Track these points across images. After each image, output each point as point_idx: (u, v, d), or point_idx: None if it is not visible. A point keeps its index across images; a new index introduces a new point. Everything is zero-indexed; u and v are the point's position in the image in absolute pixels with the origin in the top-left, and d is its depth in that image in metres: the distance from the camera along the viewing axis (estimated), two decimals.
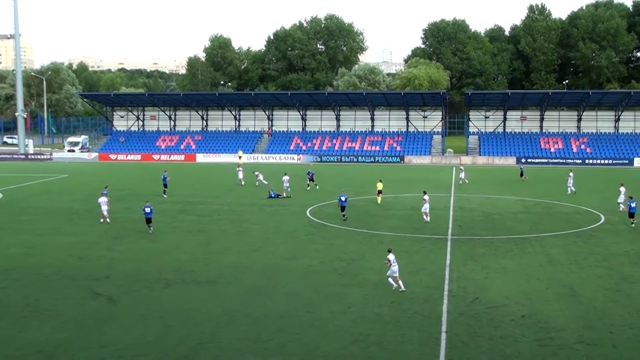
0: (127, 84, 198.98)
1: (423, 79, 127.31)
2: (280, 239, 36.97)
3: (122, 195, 54.67)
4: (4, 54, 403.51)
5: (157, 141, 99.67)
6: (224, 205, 49.31)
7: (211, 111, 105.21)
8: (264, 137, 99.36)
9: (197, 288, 27.14)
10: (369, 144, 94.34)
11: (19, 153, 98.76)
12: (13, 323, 22.89)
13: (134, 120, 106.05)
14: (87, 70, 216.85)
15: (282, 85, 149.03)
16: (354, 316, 23.42)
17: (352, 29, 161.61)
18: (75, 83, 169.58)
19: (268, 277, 28.77)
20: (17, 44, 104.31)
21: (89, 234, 38.65)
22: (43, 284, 27.81)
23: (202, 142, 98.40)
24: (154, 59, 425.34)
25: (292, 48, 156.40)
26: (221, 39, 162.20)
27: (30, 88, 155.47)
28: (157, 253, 33.55)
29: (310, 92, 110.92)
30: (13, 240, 37.01)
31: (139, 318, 23.40)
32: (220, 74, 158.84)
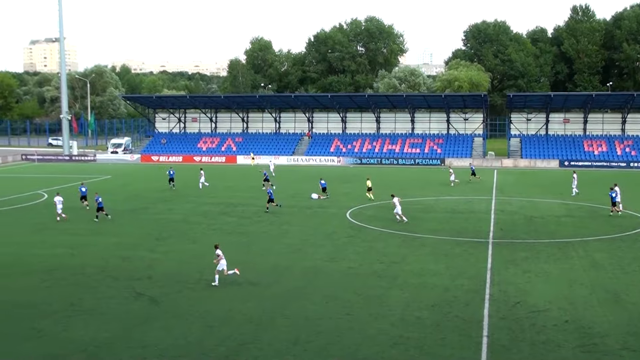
0: (169, 86, 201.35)
1: (464, 81, 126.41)
2: (320, 241, 36.99)
3: (165, 196, 55.23)
4: (49, 57, 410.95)
5: (198, 143, 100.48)
6: (264, 207, 49.44)
7: (251, 113, 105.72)
8: (304, 139, 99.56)
9: (238, 289, 27.29)
10: (409, 147, 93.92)
11: (64, 154, 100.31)
12: (57, 322, 23.27)
13: (176, 122, 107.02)
14: (129, 73, 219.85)
15: (322, 88, 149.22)
16: (394, 319, 23.32)
17: (392, 31, 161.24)
18: (119, 85, 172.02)
19: (308, 279, 28.80)
20: (61, 47, 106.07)
21: (131, 235, 39.14)
22: (86, 284, 28.23)
23: (243, 144, 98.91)
24: (195, 62, 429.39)
25: (332, 50, 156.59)
26: (262, 42, 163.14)
27: (75, 90, 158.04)
28: (198, 254, 33.81)
29: (350, 95, 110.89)
30: (57, 241, 37.64)
31: (180, 318, 23.61)
32: (261, 76, 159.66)
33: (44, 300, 25.82)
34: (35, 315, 23.97)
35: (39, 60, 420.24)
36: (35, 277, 29.33)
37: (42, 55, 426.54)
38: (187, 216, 45.58)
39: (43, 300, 25.83)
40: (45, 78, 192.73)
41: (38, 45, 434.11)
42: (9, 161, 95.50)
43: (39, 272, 30.26)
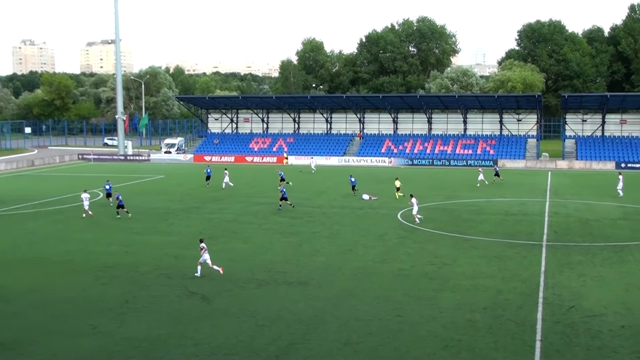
0: (222, 87, 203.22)
1: (517, 82, 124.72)
2: (371, 242, 36.92)
3: (217, 196, 55.77)
4: (105, 58, 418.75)
5: (250, 143, 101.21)
6: (315, 207, 49.62)
7: (303, 114, 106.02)
8: (356, 140, 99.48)
9: (288, 289, 27.41)
10: (461, 148, 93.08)
11: (119, 154, 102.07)
12: (112, 319, 23.70)
13: (228, 122, 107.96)
14: (183, 74, 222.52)
15: (374, 88, 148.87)
16: (445, 321, 23.14)
17: (444, 31, 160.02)
18: (172, 86, 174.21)
19: (358, 280, 28.78)
20: (117, 49, 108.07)
21: (184, 234, 39.63)
22: (140, 282, 28.69)
23: (294, 144, 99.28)
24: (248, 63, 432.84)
25: (383, 51, 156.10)
26: (313, 43, 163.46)
27: (130, 91, 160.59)
28: (250, 254, 34.07)
29: (402, 95, 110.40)
30: (112, 239, 38.33)
31: (231, 317, 23.82)
32: (312, 77, 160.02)
33: (100, 297, 26.33)
34: (91, 312, 24.45)
35: (95, 62, 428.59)
36: (91, 275, 29.93)
37: (99, 56, 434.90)
38: (238, 216, 45.96)
39: (98, 297, 26.35)
40: (101, 79, 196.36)
41: (94, 47, 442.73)
42: (66, 161, 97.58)
43: (95, 269, 30.86)
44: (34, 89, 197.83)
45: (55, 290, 27.67)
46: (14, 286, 28.11)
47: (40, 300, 26.25)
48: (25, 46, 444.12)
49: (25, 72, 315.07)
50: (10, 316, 24.18)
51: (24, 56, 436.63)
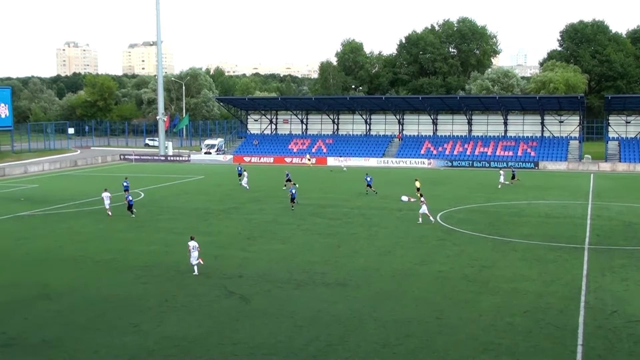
0: (261, 88, 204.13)
1: (559, 83, 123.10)
2: (410, 244, 36.79)
3: (257, 196, 56.05)
4: (147, 60, 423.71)
5: (289, 144, 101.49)
6: (354, 208, 49.58)
7: (342, 115, 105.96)
8: (395, 141, 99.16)
9: (327, 290, 27.45)
10: (501, 149, 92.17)
11: (159, 155, 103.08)
12: (152, 317, 23.99)
13: (267, 123, 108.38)
14: (223, 75, 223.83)
15: (413, 90, 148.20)
16: (484, 324, 22.97)
17: (485, 32, 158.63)
18: (212, 87, 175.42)
19: (397, 282, 28.71)
20: (159, 50, 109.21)
21: (223, 234, 39.92)
22: (180, 281, 28.99)
23: (333, 146, 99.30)
24: (287, 64, 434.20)
25: (423, 52, 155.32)
26: (353, 44, 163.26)
27: (171, 92, 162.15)
28: (288, 254, 34.20)
29: (441, 96, 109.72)
30: (153, 238, 38.79)
31: (270, 317, 23.94)
32: (352, 78, 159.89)
33: (140, 296, 26.68)
34: (132, 311, 24.79)
35: (137, 63, 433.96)
36: (132, 273, 30.34)
37: (140, 58, 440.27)
38: (277, 216, 46.15)
39: (139, 296, 26.70)
40: (142, 80, 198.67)
41: (136, 49, 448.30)
42: (108, 161, 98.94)
43: (136, 268, 31.28)
44: (77, 90, 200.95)
45: (97, 288, 28.10)
46: (57, 284, 28.63)
47: (83, 298, 26.70)
48: (69, 48, 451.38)
49: (68, 73, 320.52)
50: (54, 314, 24.63)
51: (67, 58, 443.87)
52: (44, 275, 30.29)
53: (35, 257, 34.24)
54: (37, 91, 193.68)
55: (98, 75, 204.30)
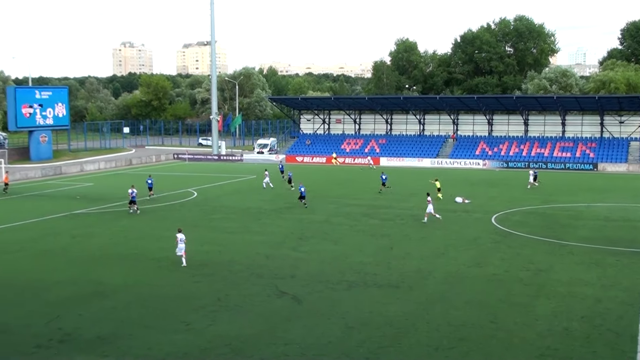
0: (314, 87, 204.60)
1: (620, 82, 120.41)
2: (464, 246, 36.48)
3: (308, 197, 56.10)
4: (200, 59, 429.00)
5: (342, 144, 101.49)
6: (406, 209, 49.37)
7: (395, 115, 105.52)
8: (449, 142, 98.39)
9: (379, 291, 27.40)
10: (559, 150, 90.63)
11: (213, 154, 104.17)
12: (204, 316, 24.27)
13: (320, 123, 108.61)
14: (276, 75, 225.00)
15: (468, 89, 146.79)
16: (540, 329, 22.64)
17: (542, 30, 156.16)
18: (265, 87, 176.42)
19: (450, 284, 28.49)
20: (212, 50, 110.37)
21: (275, 234, 40.16)
22: (233, 280, 29.27)
23: (386, 146, 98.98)
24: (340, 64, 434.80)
25: (479, 51, 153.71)
26: (407, 43, 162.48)
27: (224, 92, 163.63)
28: (340, 255, 34.23)
29: (497, 96, 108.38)
30: (206, 237, 39.22)
31: (321, 318, 23.99)
32: (405, 77, 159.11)
33: (193, 295, 27.02)
34: (185, 309, 25.12)
35: (191, 63, 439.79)
36: (185, 273, 30.74)
37: (194, 58, 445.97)
38: (329, 217, 46.22)
39: (192, 295, 27.04)
40: (196, 80, 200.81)
41: (190, 49, 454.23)
42: (162, 160, 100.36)
43: (189, 267, 31.67)
44: (132, 90, 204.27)
45: (150, 286, 28.58)
46: (111, 281, 29.19)
47: (137, 295, 27.18)
48: (124, 48, 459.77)
49: (124, 73, 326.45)
50: (109, 310, 25.11)
51: (123, 58, 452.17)
52: (99, 273, 30.91)
53: (91, 254, 34.98)
54: (94, 91, 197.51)
55: (153, 75, 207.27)
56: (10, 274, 31.17)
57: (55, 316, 24.38)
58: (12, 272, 31.55)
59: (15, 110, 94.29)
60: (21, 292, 27.87)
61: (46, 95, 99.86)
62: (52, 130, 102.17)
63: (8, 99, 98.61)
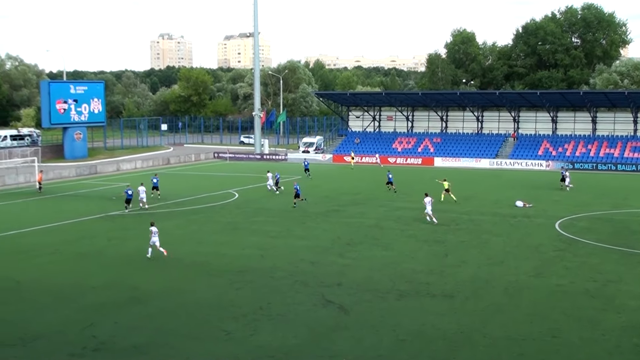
0: (363, 82, 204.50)
1: None
2: (525, 254, 36.13)
3: (357, 199, 56.25)
4: (243, 52, 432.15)
5: (394, 143, 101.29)
6: (463, 214, 49.07)
7: (451, 112, 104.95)
8: (509, 141, 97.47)
9: (432, 302, 27.31)
10: (630, 151, 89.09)
11: (255, 153, 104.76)
12: (246, 325, 24.48)
13: (370, 120, 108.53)
14: (323, 69, 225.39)
15: (530, 84, 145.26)
16: (608, 345, 22.32)
17: (613, 20, 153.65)
18: (312, 82, 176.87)
19: (510, 295, 28.26)
20: (255, 42, 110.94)
21: (321, 239, 40.28)
22: (275, 288, 29.45)
23: (441, 145, 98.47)
24: (392, 56, 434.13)
25: (542, 42, 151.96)
26: (464, 34, 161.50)
27: (268, 87, 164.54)
28: (391, 262, 34.20)
29: (562, 91, 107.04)
30: (247, 241, 39.55)
31: (370, 329, 24.01)
32: (462, 71, 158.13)
33: (233, 303, 27.27)
34: (225, 317, 25.37)
35: (233, 56, 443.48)
36: (225, 278, 31.05)
37: (236, 50, 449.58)
38: (379, 221, 46.19)
39: (232, 303, 27.29)
40: (238, 74, 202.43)
41: (232, 41, 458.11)
42: (202, 159, 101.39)
43: (229, 273, 31.99)
44: (171, 85, 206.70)
45: (189, 292, 28.92)
46: (148, 287, 29.64)
47: (174, 302, 27.53)
48: (163, 40, 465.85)
49: (162, 67, 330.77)
50: (145, 318, 25.50)
51: (161, 51, 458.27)
52: (135, 278, 31.42)
53: (127, 258, 35.57)
54: (131, 85, 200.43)
55: (192, 68, 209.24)
56: (44, 277, 31.88)
57: (89, 323, 24.86)
58: (46, 275, 32.26)
59: (50, 106, 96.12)
60: (55, 296, 28.49)
61: (81, 90, 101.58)
62: (87, 127, 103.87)
63: (42, 94, 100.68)
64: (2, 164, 77.42)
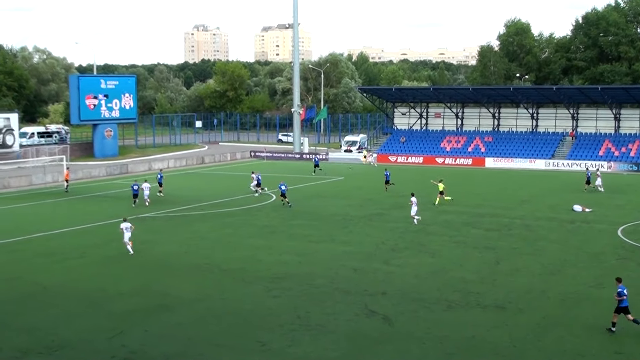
0: (410, 76, 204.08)
1: None
2: (583, 262, 35.71)
3: (402, 202, 56.00)
4: (281, 45, 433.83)
5: (442, 142, 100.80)
6: (516, 218, 48.64)
7: (504, 108, 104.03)
8: (567, 140, 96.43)
9: (483, 313, 27.10)
10: None
11: (294, 152, 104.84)
12: (283, 336, 24.51)
13: (417, 117, 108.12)
14: (367, 62, 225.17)
15: (591, 79, 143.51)
16: None
17: None
18: (355, 76, 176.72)
19: (567, 307, 27.94)
20: (295, 34, 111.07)
21: (364, 244, 40.20)
22: (315, 296, 29.45)
23: (493, 144, 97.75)
24: (440, 49, 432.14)
25: (604, 33, 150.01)
26: (518, 24, 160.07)
27: (308, 82, 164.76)
28: (439, 270, 34.01)
29: (626, 87, 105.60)
30: (285, 246, 39.64)
31: (416, 342, 23.91)
32: (516, 65, 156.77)
33: (270, 312, 27.32)
34: (260, 327, 25.44)
35: (271, 49, 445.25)
36: (261, 285, 31.13)
37: (274, 43, 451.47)
38: (426, 226, 45.97)
39: (269, 312, 27.34)
40: (276, 68, 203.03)
41: (270, 32, 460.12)
42: (238, 158, 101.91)
43: (265, 279, 32.07)
44: (205, 79, 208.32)
45: (222, 300, 29.05)
46: (179, 294, 29.83)
47: (207, 310, 27.68)
48: (197, 32, 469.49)
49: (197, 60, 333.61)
50: (176, 327, 25.66)
51: (196, 43, 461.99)
52: (166, 284, 31.65)
53: (158, 263, 35.87)
54: (163, 80, 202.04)
55: (228, 62, 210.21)
56: (72, 282, 32.28)
57: (118, 331, 25.10)
58: (73, 280, 32.67)
59: (79, 102, 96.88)
60: (82, 302, 28.81)
61: (112, 84, 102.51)
62: (118, 123, 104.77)
63: (71, 89, 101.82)
64: (29, 162, 78.60)
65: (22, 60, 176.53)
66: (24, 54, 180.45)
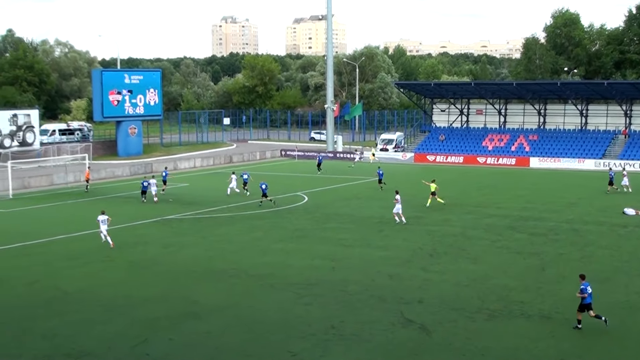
0: (450, 71, 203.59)
1: None
2: (637, 270, 35.40)
3: (440, 205, 55.84)
4: (314, 37, 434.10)
5: (484, 141, 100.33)
6: (563, 222, 48.31)
7: (550, 105, 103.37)
8: (619, 139, 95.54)
9: (527, 323, 26.95)
10: None
11: (327, 150, 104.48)
12: (315, 346, 24.54)
13: (457, 114, 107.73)
14: (404, 56, 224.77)
15: None
16: None
17: None
18: (391, 70, 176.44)
19: (619, 318, 27.65)
20: (329, 26, 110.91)
21: (400, 249, 40.14)
22: (348, 304, 29.45)
23: (538, 143, 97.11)
24: (482, 41, 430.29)
25: None
26: (567, 15, 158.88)
27: (342, 76, 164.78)
28: (480, 276, 33.87)
29: None
30: (317, 250, 39.69)
31: (455, 353, 23.84)
32: (564, 58, 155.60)
33: (301, 320, 27.36)
34: (291, 336, 25.49)
35: (303, 42, 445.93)
36: (292, 292, 31.18)
37: (307, 35, 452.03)
38: (466, 229, 45.82)
39: (300, 320, 27.38)
40: (309, 62, 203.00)
41: (302, 25, 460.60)
42: (267, 157, 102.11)
43: (296, 286, 32.13)
44: (234, 74, 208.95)
45: (251, 307, 29.14)
46: (206, 301, 29.96)
47: (235, 318, 27.78)
48: (226, 24, 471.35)
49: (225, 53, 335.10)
50: (203, 335, 25.79)
51: (224, 36, 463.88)
52: (192, 290, 31.81)
53: (183, 268, 36.05)
54: (190, 74, 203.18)
55: (258, 55, 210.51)
56: (94, 287, 32.55)
57: (142, 339, 25.29)
58: (95, 285, 32.94)
59: (102, 97, 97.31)
60: (105, 309, 29.04)
61: (136, 79, 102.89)
62: (142, 120, 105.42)
63: (94, 84, 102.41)
64: (50, 161, 79.19)
65: (43, 54, 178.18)
66: (44, 48, 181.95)
